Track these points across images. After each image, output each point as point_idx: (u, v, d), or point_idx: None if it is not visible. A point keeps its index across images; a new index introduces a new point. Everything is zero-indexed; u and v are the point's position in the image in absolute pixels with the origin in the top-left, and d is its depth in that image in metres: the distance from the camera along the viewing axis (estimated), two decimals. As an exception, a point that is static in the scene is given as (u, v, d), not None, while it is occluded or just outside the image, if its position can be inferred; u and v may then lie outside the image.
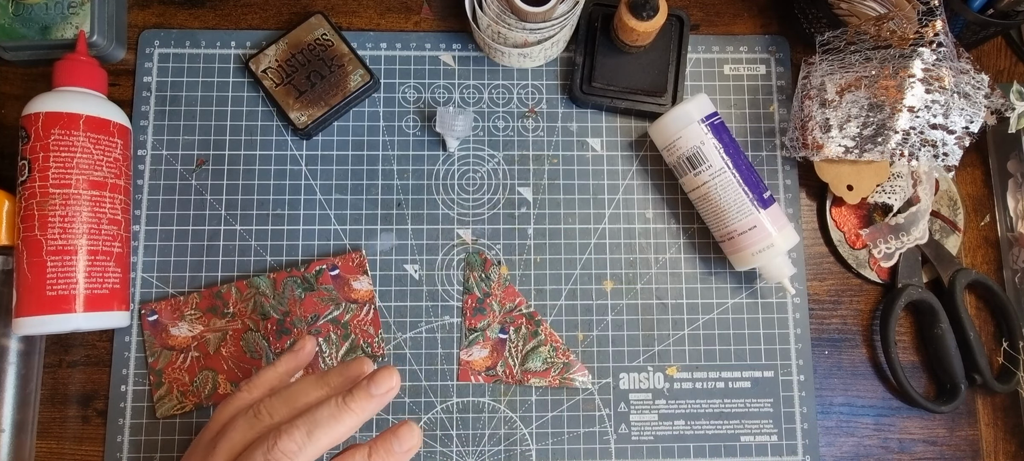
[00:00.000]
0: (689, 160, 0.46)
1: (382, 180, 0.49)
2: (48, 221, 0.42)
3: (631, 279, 0.49)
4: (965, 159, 0.52)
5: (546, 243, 0.49)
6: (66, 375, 0.47)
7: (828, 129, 0.47)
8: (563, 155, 0.50)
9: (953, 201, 0.51)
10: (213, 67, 0.50)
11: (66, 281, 0.41)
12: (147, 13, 0.51)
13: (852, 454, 0.48)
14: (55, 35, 0.47)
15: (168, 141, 0.49)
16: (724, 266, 0.49)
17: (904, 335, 0.50)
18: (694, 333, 0.49)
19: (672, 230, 0.50)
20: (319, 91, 0.48)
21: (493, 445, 0.47)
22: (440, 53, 0.51)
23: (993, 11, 0.45)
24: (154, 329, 0.46)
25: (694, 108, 0.45)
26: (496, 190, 0.50)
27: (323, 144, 0.50)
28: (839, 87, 0.47)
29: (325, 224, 0.49)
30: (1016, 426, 0.49)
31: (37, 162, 0.42)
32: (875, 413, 0.49)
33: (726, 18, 0.53)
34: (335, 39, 0.49)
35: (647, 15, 0.45)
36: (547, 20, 0.46)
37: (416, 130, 0.50)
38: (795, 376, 0.48)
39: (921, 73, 0.44)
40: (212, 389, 0.46)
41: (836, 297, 0.50)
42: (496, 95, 0.51)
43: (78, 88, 0.44)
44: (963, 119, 0.44)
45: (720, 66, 0.52)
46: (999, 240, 0.52)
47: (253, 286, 0.47)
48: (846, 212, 0.50)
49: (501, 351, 0.47)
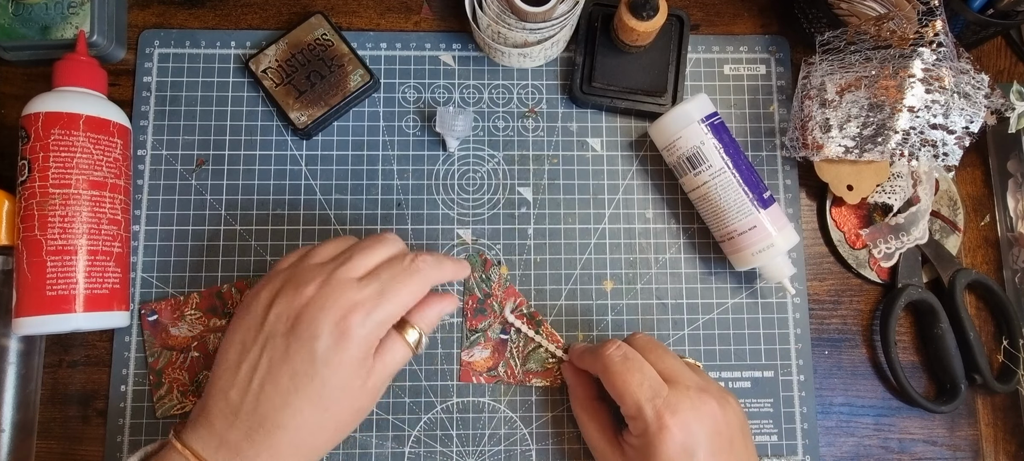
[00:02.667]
0: (689, 160, 0.46)
1: (382, 180, 0.49)
2: (48, 221, 0.42)
3: (631, 279, 0.49)
4: (965, 159, 0.52)
5: (546, 243, 0.49)
6: (66, 375, 0.47)
7: (828, 129, 0.47)
8: (563, 155, 0.50)
9: (953, 201, 0.51)
10: (213, 67, 0.50)
11: (66, 281, 0.41)
12: (147, 13, 0.51)
13: (852, 454, 0.48)
14: (55, 35, 0.47)
15: (168, 141, 0.49)
16: (724, 266, 0.49)
17: (904, 335, 0.50)
18: (694, 333, 0.49)
19: (672, 230, 0.50)
20: (319, 91, 0.48)
21: (493, 445, 0.47)
22: (440, 53, 0.51)
23: (993, 11, 0.45)
24: (154, 329, 0.46)
25: (694, 108, 0.45)
26: (496, 190, 0.50)
27: (323, 144, 0.50)
28: (839, 87, 0.47)
29: (325, 224, 0.49)
30: (1016, 426, 0.49)
31: (37, 162, 0.42)
32: (875, 413, 0.49)
33: (726, 18, 0.53)
34: (335, 39, 0.49)
35: (647, 15, 0.45)
36: (547, 20, 0.46)
37: (416, 130, 0.50)
38: (795, 376, 0.48)
39: (921, 73, 0.44)
40: (212, 389, 0.46)
41: (836, 297, 0.50)
42: (496, 95, 0.51)
43: (78, 88, 0.44)
44: (963, 119, 0.44)
45: (720, 66, 0.52)
46: (999, 240, 0.52)
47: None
48: (846, 212, 0.50)
49: (502, 352, 0.47)
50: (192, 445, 0.35)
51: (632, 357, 0.39)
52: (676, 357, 0.41)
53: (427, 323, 0.40)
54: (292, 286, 0.36)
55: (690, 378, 0.39)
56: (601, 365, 0.40)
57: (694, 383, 0.39)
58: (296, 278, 0.36)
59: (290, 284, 0.36)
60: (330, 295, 0.35)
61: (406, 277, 0.37)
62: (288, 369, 0.34)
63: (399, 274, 0.37)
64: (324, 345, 0.34)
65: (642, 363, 0.39)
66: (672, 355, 0.41)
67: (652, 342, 0.42)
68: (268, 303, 0.36)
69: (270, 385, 0.35)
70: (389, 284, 0.36)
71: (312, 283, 0.36)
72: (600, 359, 0.40)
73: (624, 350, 0.40)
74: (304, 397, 0.35)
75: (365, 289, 0.36)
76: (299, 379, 0.34)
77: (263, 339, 0.35)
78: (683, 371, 0.40)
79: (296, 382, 0.34)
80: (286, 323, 0.35)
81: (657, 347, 0.41)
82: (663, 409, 0.37)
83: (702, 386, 0.39)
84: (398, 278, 0.37)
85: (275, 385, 0.35)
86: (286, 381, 0.34)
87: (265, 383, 0.35)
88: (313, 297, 0.35)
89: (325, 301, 0.35)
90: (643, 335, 0.43)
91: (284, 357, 0.35)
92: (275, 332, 0.35)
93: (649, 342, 0.42)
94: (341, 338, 0.35)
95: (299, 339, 0.35)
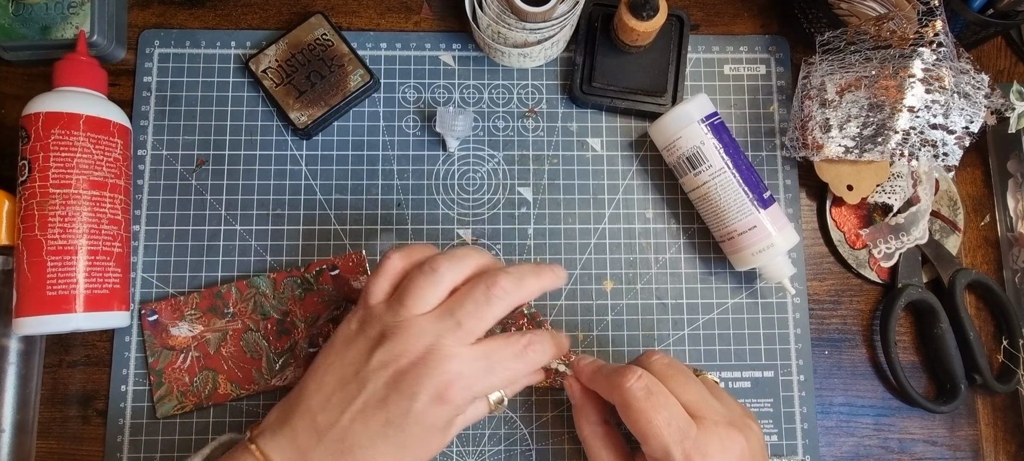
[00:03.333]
0: (689, 160, 0.46)
1: (382, 180, 0.49)
2: (48, 221, 0.42)
3: (631, 279, 0.49)
4: (965, 159, 0.52)
5: (546, 243, 0.49)
6: (66, 375, 0.47)
7: (828, 129, 0.47)
8: (563, 155, 0.50)
9: (953, 201, 0.51)
10: (213, 67, 0.50)
11: (66, 281, 0.41)
12: (147, 13, 0.51)
13: (852, 454, 0.48)
14: (55, 35, 0.47)
15: (168, 141, 0.49)
16: (724, 266, 0.49)
17: (904, 335, 0.50)
18: (694, 333, 0.49)
19: (672, 230, 0.50)
20: (319, 91, 0.48)
21: (493, 445, 0.47)
22: (440, 53, 0.51)
23: (993, 11, 0.45)
24: (154, 329, 0.46)
25: (694, 108, 0.45)
26: (496, 190, 0.50)
27: (323, 144, 0.50)
28: (839, 87, 0.47)
29: (325, 224, 0.49)
30: (1016, 426, 0.49)
31: (37, 162, 0.42)
32: (875, 413, 0.49)
33: (726, 18, 0.53)
34: (335, 39, 0.49)
35: (647, 15, 0.45)
36: (547, 20, 0.46)
37: (416, 130, 0.50)
38: (795, 376, 0.48)
39: (921, 73, 0.44)
40: (212, 389, 0.46)
41: (836, 297, 0.50)
42: (496, 95, 0.51)
43: (78, 88, 0.44)
44: (963, 119, 0.44)
45: (720, 66, 0.52)
46: (999, 240, 0.52)
47: (253, 286, 0.47)
48: (846, 212, 0.50)
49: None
50: (269, 453, 0.36)
51: (657, 392, 0.36)
52: (698, 383, 0.38)
53: (513, 389, 0.40)
54: (399, 340, 0.36)
55: (717, 411, 0.37)
56: (620, 398, 0.37)
57: (721, 417, 0.37)
58: (403, 330, 0.36)
59: (398, 336, 0.36)
60: (438, 365, 0.35)
61: (516, 361, 0.37)
62: (383, 416, 0.35)
63: (510, 356, 0.37)
64: (421, 405, 0.35)
65: (668, 399, 0.36)
66: (694, 381, 0.38)
67: (672, 367, 0.39)
68: (371, 348, 0.36)
69: (360, 423, 0.35)
70: (499, 363, 0.36)
71: (419, 342, 0.35)
72: (619, 391, 0.37)
73: (647, 382, 0.37)
74: (390, 443, 0.35)
75: (474, 363, 0.36)
76: (390, 428, 0.35)
77: (362, 380, 0.36)
78: (707, 402, 0.37)
79: (386, 430, 0.35)
80: (389, 375, 0.35)
81: (678, 373, 0.38)
82: (692, 452, 0.35)
83: (729, 420, 0.37)
84: (508, 361, 0.36)
85: (365, 425, 0.35)
86: (377, 426, 0.35)
87: (356, 420, 0.35)
88: (420, 359, 0.35)
89: (432, 369, 0.35)
90: (661, 358, 0.39)
91: (381, 405, 0.35)
92: (377, 379, 0.35)
93: (669, 368, 0.39)
94: (439, 404, 0.35)
95: (399, 393, 0.35)
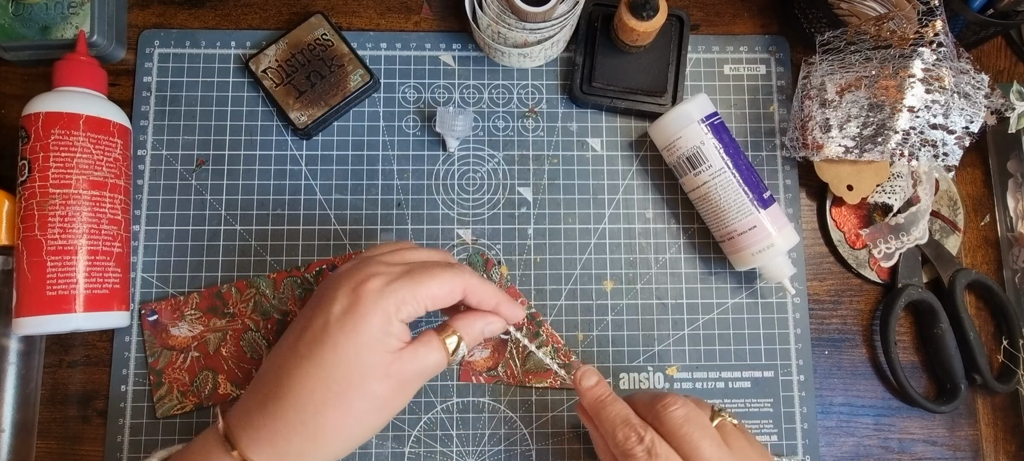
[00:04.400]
0: (689, 160, 0.46)
1: (382, 180, 0.49)
2: (48, 221, 0.42)
3: (631, 279, 0.49)
4: (965, 159, 0.52)
5: (546, 243, 0.49)
6: (66, 375, 0.47)
7: (828, 129, 0.47)
8: (563, 155, 0.50)
9: (953, 201, 0.51)
10: (213, 67, 0.50)
11: (66, 281, 0.41)
12: (147, 13, 0.51)
13: (852, 454, 0.48)
14: (55, 35, 0.47)
15: (168, 141, 0.49)
16: (724, 266, 0.49)
17: (904, 335, 0.50)
18: (694, 333, 0.49)
19: (672, 230, 0.50)
20: (319, 91, 0.48)
21: (493, 445, 0.47)
22: (440, 53, 0.51)
23: (993, 11, 0.45)
24: (154, 329, 0.46)
25: (694, 108, 0.45)
26: (496, 190, 0.50)
27: (323, 144, 0.50)
28: (839, 87, 0.47)
29: (325, 224, 0.49)
30: (1016, 426, 0.49)
31: (37, 162, 0.42)
32: (875, 413, 0.49)
33: (726, 18, 0.53)
34: (335, 39, 0.49)
35: (647, 15, 0.45)
36: (547, 20, 0.46)
37: (416, 130, 0.50)
38: (795, 376, 0.48)
39: (921, 73, 0.44)
40: (212, 389, 0.46)
41: (836, 297, 0.50)
42: (496, 95, 0.51)
43: (78, 88, 0.44)
44: (963, 119, 0.44)
45: (720, 66, 0.52)
46: (999, 240, 0.52)
47: (253, 286, 0.47)
48: (846, 212, 0.50)
49: (503, 352, 0.47)
50: (229, 421, 0.35)
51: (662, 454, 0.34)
52: (713, 440, 0.35)
53: (470, 333, 0.37)
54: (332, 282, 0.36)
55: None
56: (620, 453, 0.36)
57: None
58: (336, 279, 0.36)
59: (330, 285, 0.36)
60: (355, 266, 0.35)
61: (439, 270, 0.35)
62: (308, 337, 0.34)
63: (434, 266, 0.36)
64: (339, 308, 0.33)
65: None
66: (709, 438, 0.35)
67: (687, 422, 0.35)
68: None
69: (287, 352, 0.34)
70: (419, 269, 0.35)
71: (347, 264, 0.36)
72: (618, 447, 0.36)
73: (649, 443, 0.35)
74: (314, 363, 0.33)
75: (392, 267, 0.35)
76: (314, 346, 0.33)
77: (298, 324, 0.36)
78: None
79: (311, 348, 0.33)
80: (315, 300, 0.36)
81: (694, 430, 0.35)
82: None
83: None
84: (431, 268, 0.35)
85: (293, 352, 0.34)
86: (303, 348, 0.34)
87: (283, 352, 0.35)
88: (342, 271, 0.35)
89: (350, 271, 0.35)
90: (677, 409, 0.36)
91: (305, 326, 0.35)
92: (307, 314, 0.36)
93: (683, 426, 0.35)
94: (355, 301, 0.33)
95: (320, 306, 0.34)
